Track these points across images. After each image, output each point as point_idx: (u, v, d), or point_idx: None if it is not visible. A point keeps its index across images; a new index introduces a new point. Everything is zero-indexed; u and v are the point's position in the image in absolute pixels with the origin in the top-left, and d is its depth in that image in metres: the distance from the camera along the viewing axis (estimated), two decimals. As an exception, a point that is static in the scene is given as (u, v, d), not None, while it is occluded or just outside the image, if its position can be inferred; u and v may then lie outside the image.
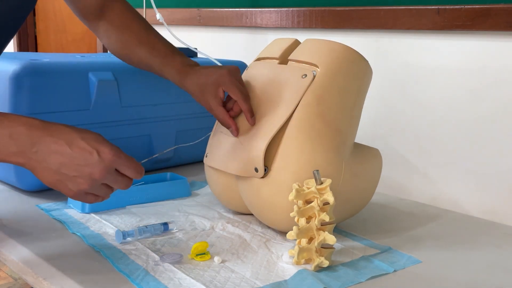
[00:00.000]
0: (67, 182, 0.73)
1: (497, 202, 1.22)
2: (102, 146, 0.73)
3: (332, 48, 0.95)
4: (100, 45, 2.48)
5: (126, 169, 0.75)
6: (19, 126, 0.71)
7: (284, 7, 1.56)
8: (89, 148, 0.72)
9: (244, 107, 0.93)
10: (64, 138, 0.72)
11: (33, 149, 0.71)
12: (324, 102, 0.91)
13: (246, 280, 0.76)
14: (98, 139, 0.74)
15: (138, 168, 0.77)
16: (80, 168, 0.72)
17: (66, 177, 0.72)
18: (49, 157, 0.71)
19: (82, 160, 0.71)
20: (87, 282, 0.74)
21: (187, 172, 1.29)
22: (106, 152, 0.73)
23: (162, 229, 0.91)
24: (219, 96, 0.94)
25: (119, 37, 1.08)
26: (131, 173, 0.76)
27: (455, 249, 0.91)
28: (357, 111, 0.97)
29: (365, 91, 0.99)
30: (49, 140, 0.71)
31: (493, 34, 1.19)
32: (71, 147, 0.71)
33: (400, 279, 0.79)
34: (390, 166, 1.30)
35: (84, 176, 0.72)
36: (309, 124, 0.89)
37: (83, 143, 0.72)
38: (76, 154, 0.71)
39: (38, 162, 0.72)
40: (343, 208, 0.92)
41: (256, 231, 0.95)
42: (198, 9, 1.84)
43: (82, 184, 0.73)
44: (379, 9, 1.34)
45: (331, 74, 0.92)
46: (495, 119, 1.20)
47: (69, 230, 0.92)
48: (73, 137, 0.72)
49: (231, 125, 0.94)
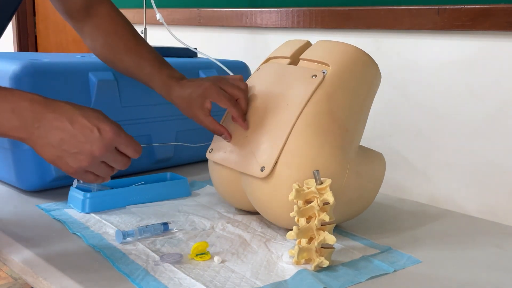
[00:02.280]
0: (67, 159, 0.74)
1: (497, 202, 1.22)
2: (103, 124, 0.74)
3: (344, 49, 0.96)
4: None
5: (126, 147, 0.77)
6: (22, 101, 0.72)
7: (284, 7, 1.56)
8: (90, 125, 0.73)
9: (234, 113, 0.94)
10: (66, 114, 0.73)
11: (35, 125, 0.72)
12: (333, 100, 0.92)
13: (246, 280, 0.76)
14: (99, 117, 0.75)
15: (137, 147, 0.78)
16: (81, 145, 0.73)
17: (66, 154, 0.73)
18: (51, 133, 0.72)
19: (83, 137, 0.73)
20: (87, 282, 0.74)
21: (187, 172, 1.29)
22: (107, 130, 0.74)
23: (162, 229, 0.91)
24: (206, 107, 0.95)
25: (106, 41, 1.08)
26: (130, 152, 0.77)
27: (455, 249, 0.91)
28: (364, 113, 0.97)
29: (373, 94, 0.99)
30: (51, 117, 0.73)
31: (493, 34, 1.19)
32: (72, 124, 0.73)
33: (400, 279, 0.79)
34: (390, 166, 1.30)
35: (84, 153, 0.73)
36: (317, 120, 0.90)
37: (84, 120, 0.73)
38: (77, 131, 0.73)
39: (39, 138, 0.73)
40: (346, 208, 0.92)
41: (256, 231, 0.95)
42: (198, 9, 1.84)
43: (82, 161, 0.74)
44: (379, 9, 1.34)
45: (342, 74, 0.93)
46: (495, 119, 1.20)
47: (69, 230, 0.92)
48: (75, 114, 0.74)
49: (223, 132, 0.96)
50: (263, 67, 1.04)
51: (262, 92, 0.98)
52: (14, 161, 1.07)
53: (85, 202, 1.00)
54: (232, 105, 0.94)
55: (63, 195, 1.07)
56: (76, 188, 1.02)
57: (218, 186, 1.03)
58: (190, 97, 0.97)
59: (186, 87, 0.98)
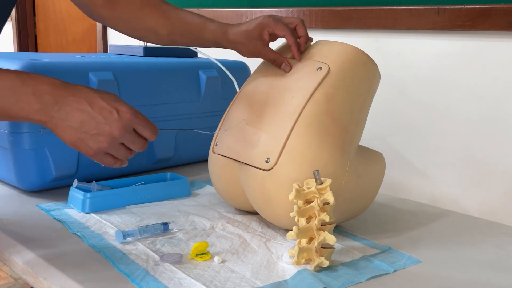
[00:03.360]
0: (88, 141, 0.75)
1: (497, 202, 1.22)
2: (121, 105, 0.76)
3: (343, 49, 0.96)
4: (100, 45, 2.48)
5: (144, 128, 0.78)
6: (42, 84, 0.74)
7: (284, 7, 1.56)
8: (109, 107, 0.75)
9: (290, 40, 0.97)
10: (85, 97, 0.75)
11: (56, 108, 0.74)
12: (333, 100, 0.92)
13: (246, 280, 0.76)
14: (117, 99, 0.77)
15: (154, 129, 0.80)
16: (100, 126, 0.75)
17: (86, 136, 0.75)
18: (71, 116, 0.74)
19: (102, 119, 0.75)
20: (87, 282, 0.74)
21: (187, 172, 1.29)
22: (125, 111, 0.76)
23: (162, 229, 0.91)
24: (265, 38, 0.99)
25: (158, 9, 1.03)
26: (148, 133, 0.79)
27: (455, 249, 0.91)
28: (364, 113, 0.97)
29: (373, 94, 0.99)
30: (72, 99, 0.74)
31: (493, 34, 1.19)
32: (92, 106, 0.75)
33: (400, 279, 0.79)
34: (390, 166, 1.30)
35: (104, 134, 0.75)
36: (317, 120, 0.90)
37: (103, 102, 0.75)
38: (97, 112, 0.75)
39: (60, 120, 0.74)
40: (346, 208, 0.92)
41: (256, 231, 0.95)
42: (198, 9, 1.84)
43: (102, 142, 0.75)
44: (379, 9, 1.34)
45: (341, 74, 0.93)
46: (495, 119, 1.20)
47: (69, 230, 0.92)
48: (93, 96, 0.75)
49: (283, 60, 0.99)
50: (266, 61, 1.04)
51: (267, 84, 0.98)
52: (14, 161, 1.07)
53: (85, 202, 1.00)
54: (289, 32, 0.97)
55: (63, 195, 1.07)
56: (76, 188, 1.02)
57: (217, 187, 1.03)
58: (247, 30, 0.99)
59: (241, 25, 1.01)
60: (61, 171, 1.10)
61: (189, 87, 1.32)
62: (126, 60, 1.29)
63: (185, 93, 1.32)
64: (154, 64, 1.30)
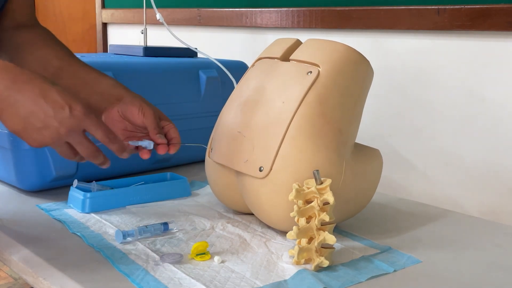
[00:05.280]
0: (32, 132, 0.72)
1: (497, 202, 1.22)
2: (75, 103, 0.73)
3: (334, 48, 0.95)
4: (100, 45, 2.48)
5: (95, 130, 0.75)
6: None
7: (284, 7, 1.56)
8: (62, 102, 0.72)
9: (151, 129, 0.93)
10: (39, 87, 0.71)
11: (6, 93, 0.70)
12: (325, 101, 0.91)
13: (246, 280, 0.76)
14: (73, 97, 0.73)
15: (109, 133, 0.76)
16: (48, 120, 0.71)
17: (32, 127, 0.72)
18: (21, 104, 0.71)
19: (52, 113, 0.71)
20: (87, 282, 0.74)
21: (187, 172, 1.29)
22: (78, 109, 0.72)
23: (162, 229, 0.91)
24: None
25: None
26: (100, 135, 0.76)
27: (455, 249, 0.91)
28: (358, 111, 0.97)
29: (366, 91, 0.99)
30: (25, 88, 0.71)
31: (493, 34, 1.19)
32: (45, 98, 0.71)
33: (400, 279, 0.79)
34: (390, 166, 1.30)
35: (50, 129, 0.72)
36: (310, 123, 0.89)
37: (58, 96, 0.72)
38: (49, 106, 0.71)
39: (8, 106, 0.71)
40: (344, 208, 0.92)
41: (256, 231, 0.95)
42: (198, 9, 1.84)
43: (46, 137, 0.72)
44: (379, 9, 1.34)
45: (333, 74, 0.92)
46: (495, 119, 1.20)
47: (69, 230, 0.92)
48: (49, 89, 0.72)
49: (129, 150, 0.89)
50: (257, 64, 1.03)
51: (257, 90, 0.97)
52: (14, 161, 1.07)
53: (85, 202, 1.00)
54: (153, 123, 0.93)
55: (63, 195, 1.07)
56: (76, 188, 1.02)
57: (215, 190, 1.03)
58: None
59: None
60: (61, 171, 1.10)
61: (189, 87, 1.32)
62: (126, 60, 1.29)
63: (185, 93, 1.32)
64: (154, 64, 1.30)
